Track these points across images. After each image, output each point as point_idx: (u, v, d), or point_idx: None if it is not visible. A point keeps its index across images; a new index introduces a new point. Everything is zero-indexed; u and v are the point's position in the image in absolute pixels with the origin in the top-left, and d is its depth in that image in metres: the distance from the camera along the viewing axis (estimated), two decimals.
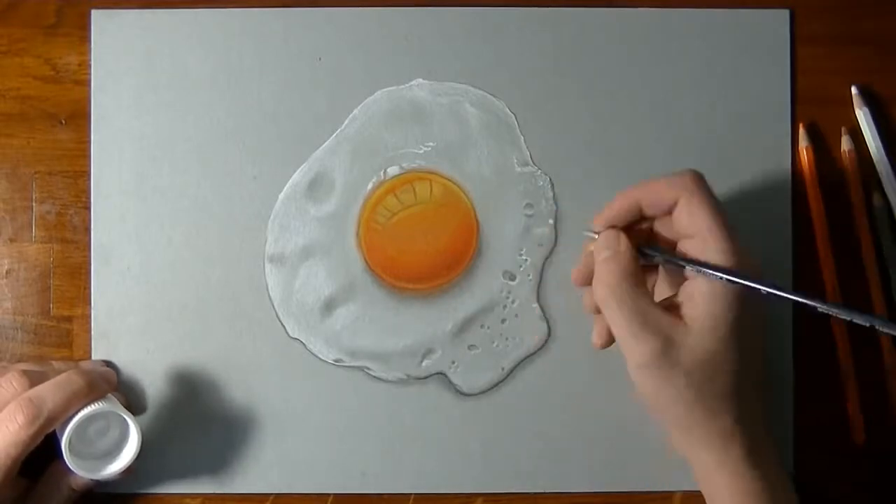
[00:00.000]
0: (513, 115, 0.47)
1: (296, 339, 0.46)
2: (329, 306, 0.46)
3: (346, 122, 0.47)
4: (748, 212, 0.46)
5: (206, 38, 0.47)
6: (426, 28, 0.47)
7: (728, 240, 0.38)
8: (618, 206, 0.41)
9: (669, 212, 0.40)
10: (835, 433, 0.46)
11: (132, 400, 0.46)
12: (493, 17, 0.47)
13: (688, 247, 0.39)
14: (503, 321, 0.47)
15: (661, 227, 0.41)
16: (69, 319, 0.46)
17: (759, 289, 0.37)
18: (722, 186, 0.46)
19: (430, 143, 0.47)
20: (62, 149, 0.47)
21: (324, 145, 0.47)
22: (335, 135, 0.47)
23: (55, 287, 0.47)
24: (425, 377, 0.46)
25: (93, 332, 0.46)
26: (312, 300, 0.46)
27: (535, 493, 0.46)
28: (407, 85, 0.47)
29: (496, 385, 0.46)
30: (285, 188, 0.46)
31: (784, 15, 0.47)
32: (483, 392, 0.46)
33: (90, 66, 0.47)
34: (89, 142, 0.46)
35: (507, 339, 0.47)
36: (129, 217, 0.46)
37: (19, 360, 0.46)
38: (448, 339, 0.46)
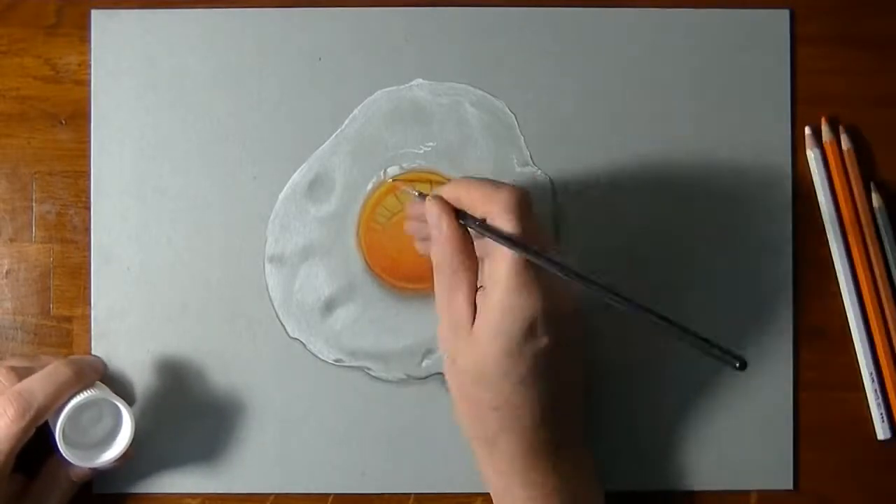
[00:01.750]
0: (513, 115, 0.47)
1: (296, 339, 0.46)
2: (329, 306, 0.46)
3: (346, 122, 0.47)
4: (748, 212, 0.46)
5: (206, 38, 0.47)
6: (426, 28, 0.47)
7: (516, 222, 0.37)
8: (446, 191, 0.40)
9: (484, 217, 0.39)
10: (835, 434, 0.46)
11: (132, 399, 0.46)
12: (493, 17, 0.47)
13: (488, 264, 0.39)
14: None
15: None
16: (69, 319, 0.46)
17: (527, 254, 0.37)
18: (722, 187, 0.46)
19: (430, 143, 0.47)
20: (62, 149, 0.47)
21: (324, 145, 0.47)
22: (335, 135, 0.47)
23: (55, 287, 0.47)
24: (425, 377, 0.46)
25: (93, 332, 0.46)
26: (312, 300, 0.46)
27: None
28: (407, 85, 0.47)
29: None
30: (285, 188, 0.46)
31: (784, 15, 0.47)
32: None
33: (90, 66, 0.46)
34: (89, 142, 0.46)
35: None
36: (129, 217, 0.46)
37: None
38: None
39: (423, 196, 0.41)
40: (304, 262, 0.46)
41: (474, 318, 0.39)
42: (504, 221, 0.38)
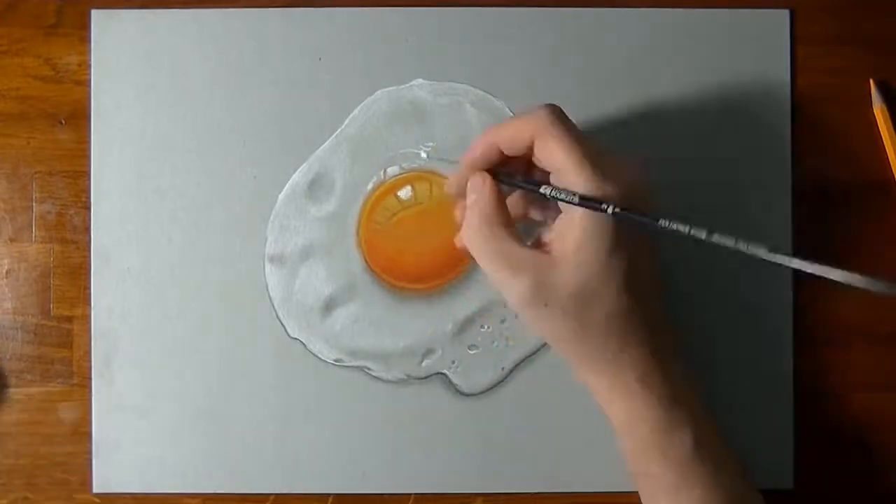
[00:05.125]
0: (513, 115, 0.47)
1: (296, 339, 0.46)
2: (329, 306, 0.47)
3: (346, 122, 0.47)
4: (748, 212, 0.46)
5: (206, 38, 0.47)
6: (426, 28, 0.47)
7: (584, 170, 0.37)
8: (478, 150, 0.41)
9: (530, 149, 0.39)
10: (835, 434, 0.46)
11: (131, 400, 0.46)
12: (493, 17, 0.47)
13: (554, 181, 0.39)
14: (503, 321, 0.47)
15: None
16: (69, 319, 0.47)
17: (606, 211, 0.37)
18: (722, 187, 0.46)
19: (430, 143, 0.47)
20: (62, 149, 0.47)
21: (324, 145, 0.47)
22: (335, 135, 0.47)
23: (55, 287, 0.47)
24: (425, 377, 0.46)
25: (93, 332, 0.46)
26: (312, 300, 0.46)
27: (535, 493, 0.46)
28: (407, 85, 0.47)
29: (496, 385, 0.46)
30: (285, 188, 0.47)
31: (784, 15, 0.47)
32: (483, 392, 0.46)
33: (90, 66, 0.47)
34: (89, 142, 0.46)
35: (507, 339, 0.47)
36: (129, 217, 0.46)
37: (20, 360, 0.46)
38: (448, 339, 0.46)
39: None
40: (304, 262, 0.47)
41: (541, 252, 0.39)
42: (554, 133, 0.38)
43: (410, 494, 0.46)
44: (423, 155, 0.47)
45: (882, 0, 0.47)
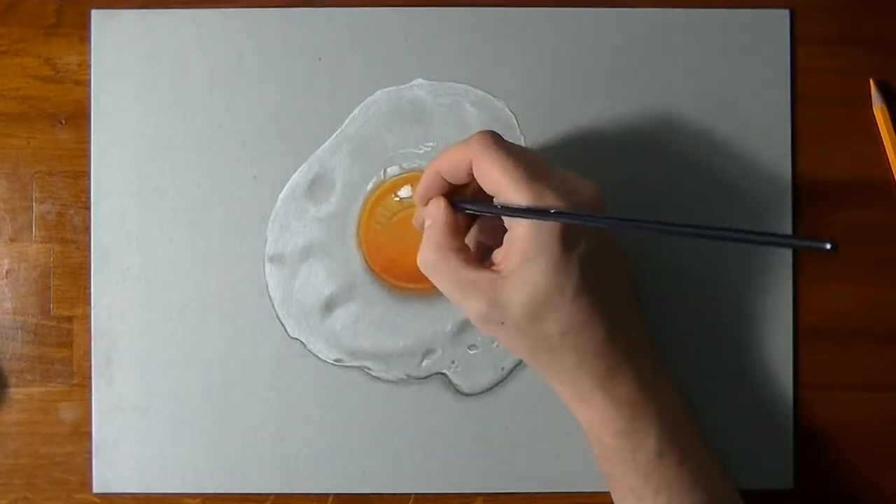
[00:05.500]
0: (513, 115, 0.47)
1: (296, 339, 0.46)
2: (329, 306, 0.47)
3: (346, 122, 0.47)
4: (748, 212, 0.46)
5: (206, 38, 0.47)
6: (426, 28, 0.47)
7: (520, 184, 0.37)
8: (424, 180, 0.41)
9: (471, 175, 0.39)
10: (835, 434, 0.46)
11: (131, 400, 0.46)
12: (493, 17, 0.47)
13: (497, 203, 0.40)
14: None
15: None
16: (69, 319, 0.47)
17: (548, 218, 0.37)
18: (721, 187, 0.46)
19: (430, 144, 0.47)
20: (62, 149, 0.47)
21: (324, 145, 0.47)
22: (335, 135, 0.47)
23: (55, 287, 0.47)
24: (425, 377, 0.46)
25: (93, 332, 0.46)
26: (312, 300, 0.46)
27: (535, 493, 0.46)
28: (407, 85, 0.47)
29: (496, 385, 0.46)
30: (285, 188, 0.47)
31: (784, 15, 0.47)
32: (483, 392, 0.46)
33: (90, 66, 0.47)
34: (89, 142, 0.46)
35: None
36: (129, 217, 0.46)
37: (20, 360, 0.46)
38: (448, 339, 0.46)
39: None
40: (304, 262, 0.47)
41: (491, 272, 0.39)
42: (488, 156, 0.38)
43: (410, 494, 0.46)
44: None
45: (882, 0, 0.47)
